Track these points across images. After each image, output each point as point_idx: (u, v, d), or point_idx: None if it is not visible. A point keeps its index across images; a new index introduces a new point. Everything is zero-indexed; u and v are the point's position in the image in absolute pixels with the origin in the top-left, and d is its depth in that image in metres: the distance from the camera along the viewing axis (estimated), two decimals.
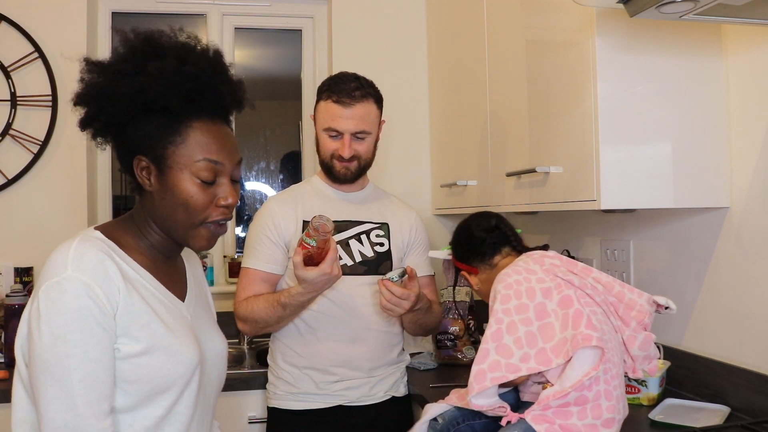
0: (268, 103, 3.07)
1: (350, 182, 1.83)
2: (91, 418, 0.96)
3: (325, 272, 1.51)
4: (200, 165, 1.07)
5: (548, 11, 1.65)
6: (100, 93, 1.05)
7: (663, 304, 1.29)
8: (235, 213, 2.78)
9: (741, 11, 1.15)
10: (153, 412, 1.04)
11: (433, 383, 1.88)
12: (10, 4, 2.40)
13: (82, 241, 1.02)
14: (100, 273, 0.99)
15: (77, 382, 0.96)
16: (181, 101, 1.05)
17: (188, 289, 1.20)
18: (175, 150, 1.06)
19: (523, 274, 1.26)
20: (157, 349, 1.03)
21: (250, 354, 2.38)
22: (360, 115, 1.73)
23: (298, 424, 1.76)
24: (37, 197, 2.39)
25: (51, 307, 0.96)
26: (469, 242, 1.49)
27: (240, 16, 2.78)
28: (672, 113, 1.45)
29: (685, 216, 1.64)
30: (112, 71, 1.06)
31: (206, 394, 1.15)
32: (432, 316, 1.81)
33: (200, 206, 1.07)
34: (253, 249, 1.79)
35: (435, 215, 2.66)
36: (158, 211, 1.09)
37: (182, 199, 1.07)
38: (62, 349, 0.96)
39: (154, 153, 1.07)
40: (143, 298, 1.05)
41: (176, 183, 1.07)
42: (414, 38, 2.69)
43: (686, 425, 1.38)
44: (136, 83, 1.03)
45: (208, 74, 1.08)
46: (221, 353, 1.21)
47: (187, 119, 1.07)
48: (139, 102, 1.04)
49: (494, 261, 1.45)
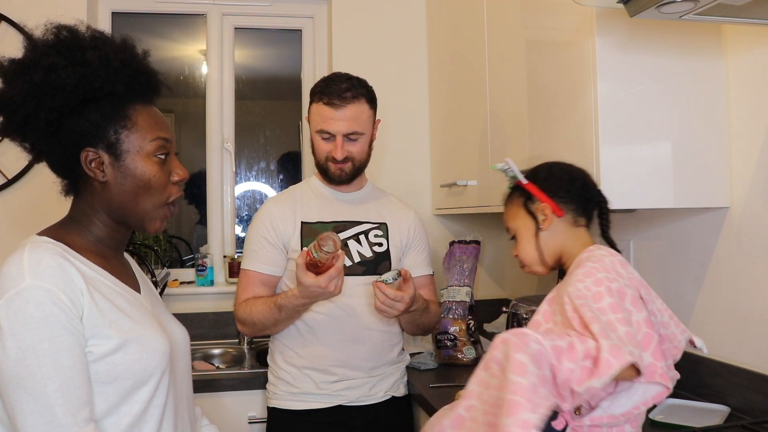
0: (268, 103, 3.07)
1: (346, 183, 1.82)
2: (73, 426, 0.93)
3: (320, 285, 1.51)
4: (154, 144, 1.09)
5: (548, 11, 1.65)
6: (38, 89, 1.02)
7: (698, 345, 1.17)
8: (235, 212, 2.78)
9: (741, 11, 1.15)
10: (133, 408, 1.03)
11: (433, 383, 1.88)
12: (10, 4, 2.41)
13: (33, 248, 0.99)
14: (60, 277, 0.97)
15: (54, 392, 0.93)
16: (125, 86, 1.07)
17: (139, 281, 1.20)
18: (129, 134, 1.08)
19: (612, 273, 1.12)
20: (130, 342, 1.02)
21: (250, 354, 2.38)
22: (351, 117, 1.73)
23: (298, 424, 1.76)
24: (37, 197, 2.39)
25: (14, 320, 0.93)
26: (572, 182, 1.25)
27: (240, 16, 2.78)
28: (672, 113, 1.45)
29: (685, 216, 1.64)
30: (43, 66, 1.02)
31: (177, 381, 1.15)
32: (429, 316, 1.81)
33: (161, 185, 1.10)
34: (251, 251, 1.79)
35: (435, 215, 2.66)
36: (116, 200, 1.09)
37: (144, 180, 1.08)
38: (33, 360, 0.93)
39: (105, 141, 1.07)
40: (105, 295, 1.04)
41: (136, 166, 1.08)
42: (414, 38, 2.69)
43: (686, 425, 1.38)
44: (77, 73, 1.03)
45: (138, 60, 1.11)
46: (184, 340, 1.22)
47: (131, 104, 1.09)
48: (83, 91, 1.03)
49: (579, 221, 1.24)
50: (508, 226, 1.31)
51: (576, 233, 1.25)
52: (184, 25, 2.86)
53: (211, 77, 2.75)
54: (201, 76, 2.86)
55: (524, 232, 1.26)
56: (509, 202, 1.31)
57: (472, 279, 2.21)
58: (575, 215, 1.24)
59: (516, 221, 1.28)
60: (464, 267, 2.20)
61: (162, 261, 2.60)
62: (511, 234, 1.30)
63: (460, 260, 2.22)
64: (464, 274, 2.20)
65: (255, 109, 2.99)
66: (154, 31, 2.84)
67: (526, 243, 1.26)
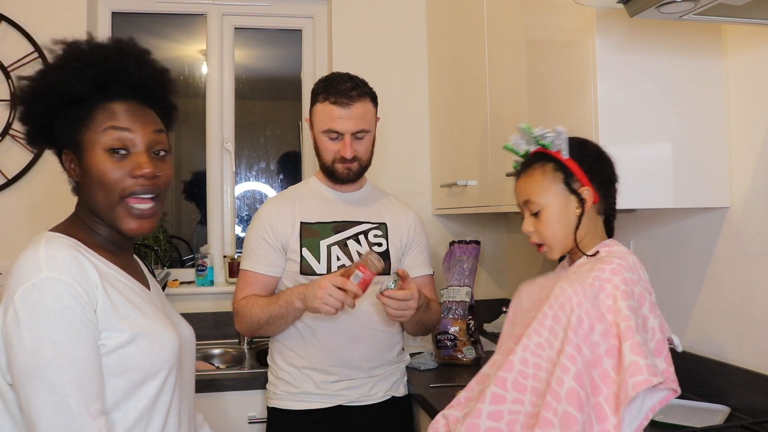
0: (268, 103, 3.07)
1: (352, 182, 1.83)
2: (86, 417, 0.94)
3: (322, 285, 1.54)
4: (107, 135, 1.06)
5: (548, 11, 1.64)
6: (26, 96, 1.09)
7: (675, 343, 1.16)
8: (235, 212, 2.78)
9: (741, 11, 1.15)
10: (141, 402, 1.04)
11: (433, 383, 1.88)
12: (10, 4, 2.40)
13: (49, 242, 1.01)
14: (76, 270, 0.98)
15: (68, 384, 0.94)
16: (90, 86, 1.06)
17: (148, 280, 1.21)
18: (86, 131, 1.07)
19: (635, 274, 1.09)
20: (141, 336, 1.03)
21: (250, 354, 2.38)
22: (359, 115, 1.73)
23: (298, 424, 1.76)
24: (37, 197, 2.40)
25: (31, 311, 0.94)
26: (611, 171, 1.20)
27: (240, 16, 2.78)
28: (672, 113, 1.45)
29: (685, 216, 1.64)
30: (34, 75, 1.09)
31: (183, 379, 1.16)
32: (431, 313, 1.80)
33: (114, 180, 1.05)
34: (250, 252, 1.80)
35: (435, 215, 2.66)
36: (87, 200, 1.10)
37: (97, 177, 1.06)
38: (49, 351, 0.93)
39: (73, 142, 1.08)
40: (118, 290, 1.05)
41: (91, 163, 1.06)
42: (414, 38, 2.69)
43: (686, 425, 1.38)
44: (50, 79, 1.07)
45: (114, 58, 1.08)
46: (191, 338, 1.23)
47: (101, 103, 1.08)
48: (55, 96, 1.06)
49: (601, 209, 1.20)
50: (530, 199, 1.18)
51: (597, 222, 1.19)
52: (184, 25, 2.86)
53: (211, 77, 2.75)
54: (201, 76, 2.86)
55: (556, 210, 1.15)
56: (535, 172, 1.19)
57: (472, 279, 2.21)
58: (603, 204, 1.19)
59: (547, 197, 1.16)
60: (464, 267, 2.20)
61: (162, 261, 2.60)
62: (534, 210, 1.18)
63: (460, 260, 2.22)
64: (464, 274, 2.20)
65: (255, 109, 2.99)
66: (154, 31, 2.85)
67: (556, 223, 1.15)
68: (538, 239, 1.19)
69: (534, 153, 1.22)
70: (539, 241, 1.19)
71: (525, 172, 1.21)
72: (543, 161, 1.19)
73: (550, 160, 1.18)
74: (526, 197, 1.19)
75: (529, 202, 1.18)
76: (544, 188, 1.16)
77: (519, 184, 1.22)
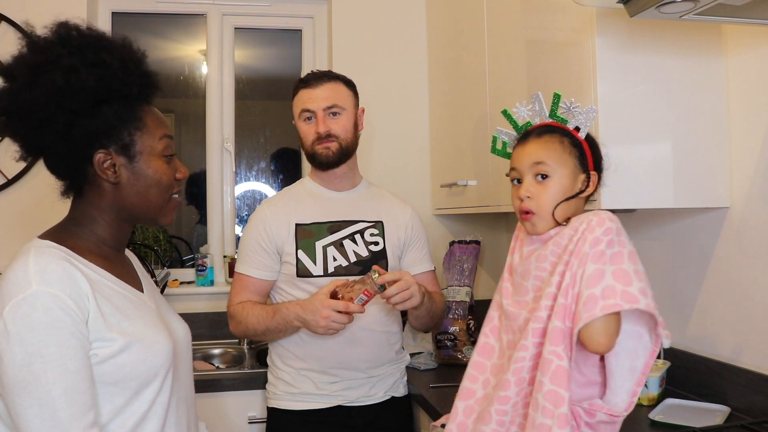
0: (268, 103, 3.07)
1: (334, 166, 1.80)
2: (77, 430, 0.94)
3: (323, 314, 1.57)
4: (163, 142, 1.13)
5: (548, 11, 1.64)
6: (59, 91, 1.01)
7: None
8: (235, 212, 2.78)
9: (741, 11, 1.15)
10: (139, 408, 1.04)
11: (433, 383, 1.88)
12: (10, 4, 2.41)
13: (38, 253, 1.00)
14: (67, 283, 0.98)
15: (58, 397, 0.93)
16: (138, 88, 1.10)
17: (141, 280, 1.20)
18: (142, 135, 1.10)
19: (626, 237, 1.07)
20: (134, 344, 1.03)
21: (250, 354, 2.38)
22: (328, 92, 1.78)
23: (297, 425, 1.76)
24: (37, 198, 2.39)
25: (21, 325, 0.93)
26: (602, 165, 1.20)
27: (240, 16, 2.78)
28: (672, 113, 1.45)
29: (685, 216, 1.64)
30: (62, 68, 1.01)
31: (180, 380, 1.15)
32: (436, 303, 1.80)
33: (169, 182, 1.14)
34: (245, 255, 1.80)
35: (435, 215, 2.66)
36: (128, 200, 1.11)
37: (155, 179, 1.12)
38: (39, 365, 0.93)
39: (119, 143, 1.08)
40: (109, 299, 1.04)
41: (149, 166, 1.11)
42: (414, 38, 2.69)
43: (686, 425, 1.38)
44: (96, 75, 1.03)
45: (145, 62, 1.13)
46: (187, 338, 1.23)
47: (140, 105, 1.12)
48: (101, 93, 1.04)
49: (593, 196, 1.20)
50: (545, 161, 1.13)
51: (582, 205, 1.18)
52: (184, 25, 2.86)
53: (211, 77, 2.75)
54: (201, 76, 2.86)
55: (566, 182, 1.13)
56: (552, 139, 1.15)
57: (472, 279, 2.21)
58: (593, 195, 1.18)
59: (560, 167, 1.13)
60: (464, 267, 2.21)
61: (162, 261, 2.60)
62: (545, 171, 1.13)
63: (460, 260, 2.22)
64: (464, 274, 2.20)
65: (255, 109, 2.99)
66: (154, 31, 2.84)
67: (556, 194, 1.12)
68: (534, 206, 1.13)
69: (547, 124, 1.18)
70: (533, 209, 1.13)
71: (540, 137, 1.16)
72: (560, 133, 1.15)
73: (566, 134, 1.15)
74: (539, 159, 1.13)
75: (542, 164, 1.13)
76: (560, 157, 1.13)
77: (529, 147, 1.16)
